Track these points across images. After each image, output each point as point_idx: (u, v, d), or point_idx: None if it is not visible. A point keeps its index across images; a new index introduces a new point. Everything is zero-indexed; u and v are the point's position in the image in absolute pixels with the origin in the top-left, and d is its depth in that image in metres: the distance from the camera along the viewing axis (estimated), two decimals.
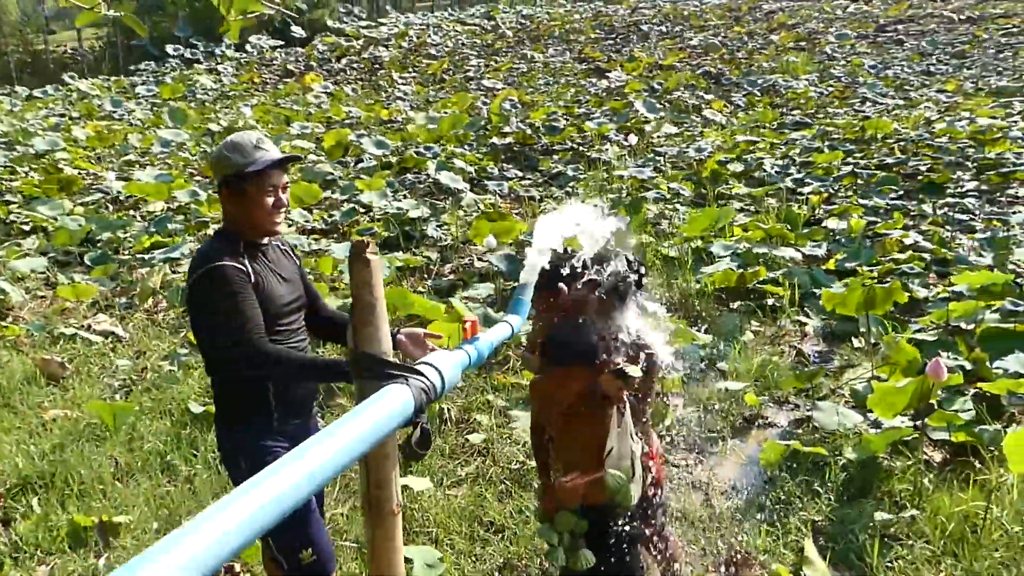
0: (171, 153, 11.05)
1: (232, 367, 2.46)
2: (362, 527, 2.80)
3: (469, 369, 1.91)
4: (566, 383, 2.27)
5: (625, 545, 2.36)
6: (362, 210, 8.10)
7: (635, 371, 2.11)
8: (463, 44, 21.39)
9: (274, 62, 20.89)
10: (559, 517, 2.32)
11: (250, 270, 2.42)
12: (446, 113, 11.94)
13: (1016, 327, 4.88)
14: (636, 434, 2.36)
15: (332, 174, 8.98)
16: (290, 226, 7.67)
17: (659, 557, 2.75)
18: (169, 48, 22.10)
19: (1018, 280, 5.55)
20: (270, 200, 2.48)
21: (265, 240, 2.55)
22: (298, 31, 23.85)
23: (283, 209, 2.54)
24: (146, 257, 7.18)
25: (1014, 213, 6.89)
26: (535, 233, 2.08)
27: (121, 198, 9.19)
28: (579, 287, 2.22)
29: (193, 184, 9.05)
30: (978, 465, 3.78)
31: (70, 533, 3.55)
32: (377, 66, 18.93)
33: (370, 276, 1.42)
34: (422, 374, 1.46)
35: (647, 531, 2.55)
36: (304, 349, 2.62)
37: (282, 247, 2.68)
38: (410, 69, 18.05)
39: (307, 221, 7.70)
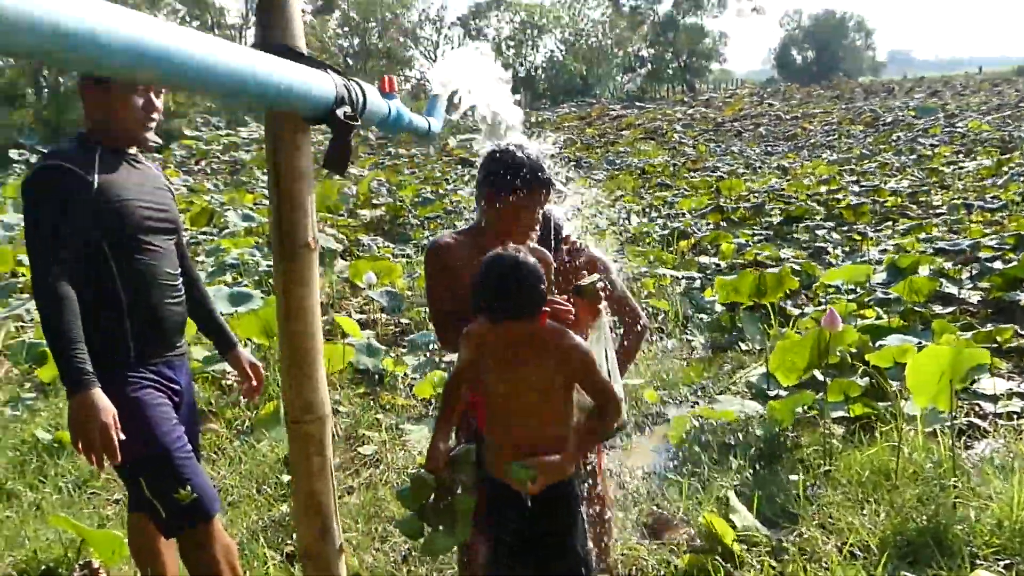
0: None
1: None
2: None
3: (385, 126, 1.75)
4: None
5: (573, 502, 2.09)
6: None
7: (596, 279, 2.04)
8: None
9: None
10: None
11: (96, 179, 2.12)
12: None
13: (890, 322, 5.13)
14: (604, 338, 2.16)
15: (195, 238, 8.58)
16: None
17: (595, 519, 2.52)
18: (14, 153, 20.77)
19: (870, 278, 5.89)
20: (139, 101, 2.22)
21: (132, 150, 2.29)
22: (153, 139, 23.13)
23: (155, 114, 2.29)
24: None
25: (864, 242, 7.35)
26: (436, 71, 2.09)
27: None
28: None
29: None
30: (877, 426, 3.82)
31: None
32: (238, 167, 18.59)
33: None
34: (342, 75, 1.35)
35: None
36: (175, 279, 2.34)
37: (156, 170, 2.42)
38: None
39: None
